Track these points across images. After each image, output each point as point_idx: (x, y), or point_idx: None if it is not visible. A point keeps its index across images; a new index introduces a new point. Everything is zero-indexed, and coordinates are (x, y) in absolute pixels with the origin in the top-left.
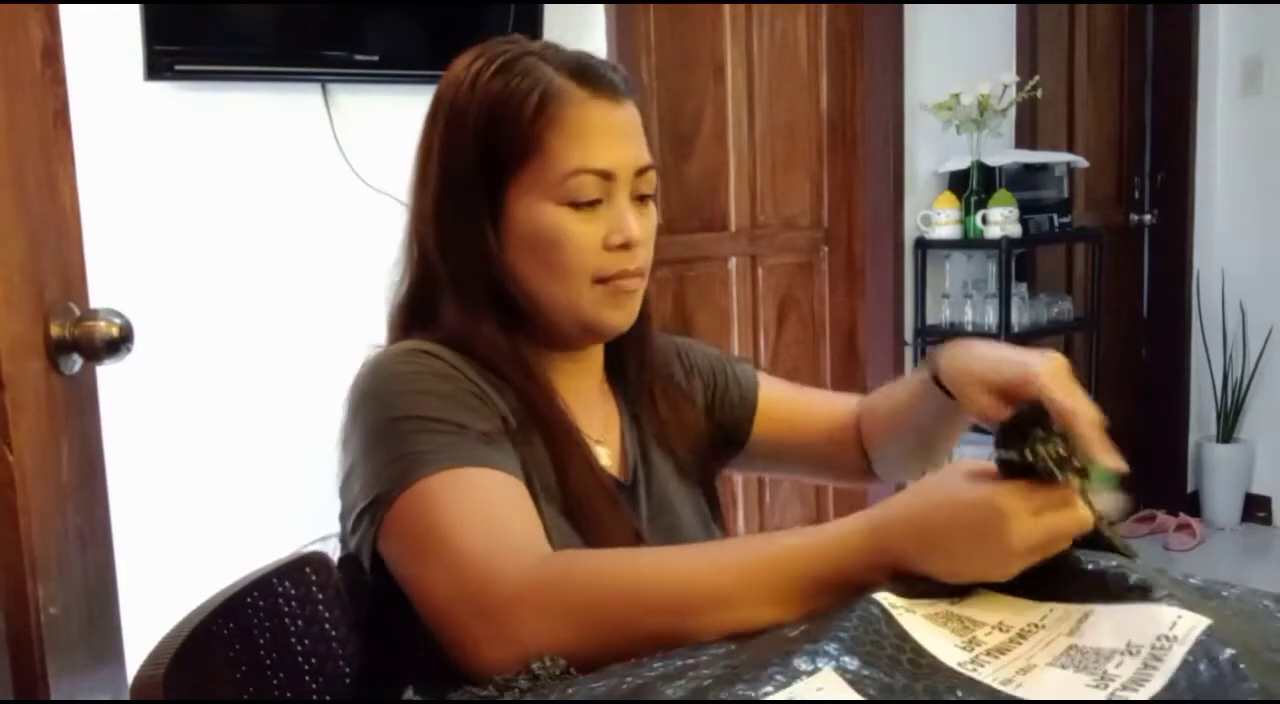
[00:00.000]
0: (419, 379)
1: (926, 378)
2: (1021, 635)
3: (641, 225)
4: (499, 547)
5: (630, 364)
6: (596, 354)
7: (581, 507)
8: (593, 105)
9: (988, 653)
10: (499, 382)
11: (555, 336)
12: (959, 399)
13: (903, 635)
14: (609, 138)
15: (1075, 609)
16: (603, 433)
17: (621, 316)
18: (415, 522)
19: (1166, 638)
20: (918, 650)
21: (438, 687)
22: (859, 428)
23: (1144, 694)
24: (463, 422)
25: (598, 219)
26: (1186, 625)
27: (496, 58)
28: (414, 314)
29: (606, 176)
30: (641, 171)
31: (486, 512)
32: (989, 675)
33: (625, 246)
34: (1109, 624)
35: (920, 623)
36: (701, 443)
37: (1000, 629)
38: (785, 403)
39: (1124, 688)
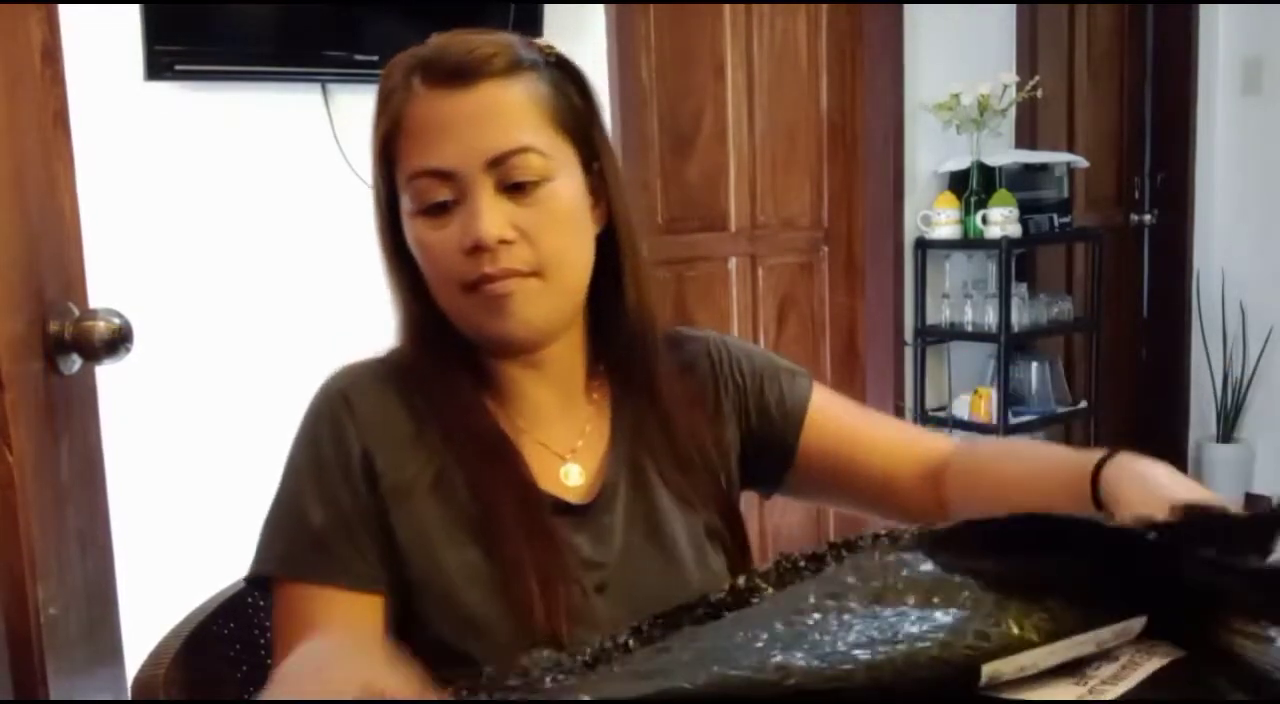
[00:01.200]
0: (302, 448)
1: (1084, 478)
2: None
3: (519, 218)
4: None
5: (618, 369)
6: (556, 360)
7: (497, 538)
8: (429, 99)
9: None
10: (424, 407)
11: (483, 347)
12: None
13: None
14: (447, 132)
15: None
16: (575, 448)
17: (505, 324)
18: (274, 631)
19: (1145, 653)
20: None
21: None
22: (944, 477)
23: (1122, 688)
24: (310, 514)
25: (454, 222)
26: (1163, 646)
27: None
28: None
29: (446, 176)
30: (501, 159)
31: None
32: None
33: (476, 249)
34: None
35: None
36: (714, 459)
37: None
38: (842, 423)
39: (1103, 683)
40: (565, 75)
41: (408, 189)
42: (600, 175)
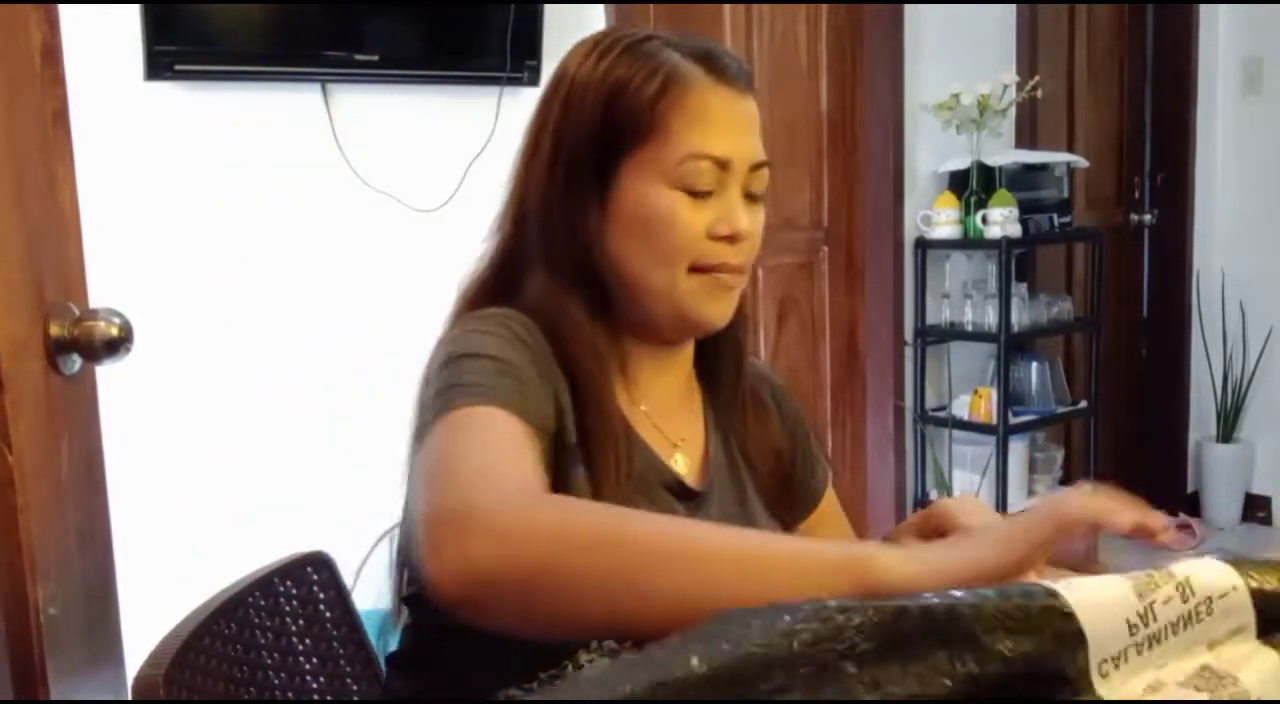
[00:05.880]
0: (489, 332)
1: None
2: (1192, 617)
3: (750, 221)
4: (495, 477)
5: (725, 367)
6: (688, 352)
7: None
8: (716, 92)
9: (1145, 641)
10: (564, 360)
11: (648, 327)
12: None
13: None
14: (729, 127)
15: (1247, 619)
16: (685, 436)
17: (718, 310)
18: (435, 446)
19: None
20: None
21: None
22: None
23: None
24: (517, 367)
25: (708, 208)
26: None
27: (622, 39)
28: (493, 288)
29: (722, 165)
30: (756, 167)
31: (502, 447)
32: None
33: (731, 239)
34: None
35: (1100, 581)
36: (784, 473)
37: (1182, 595)
38: (836, 526)
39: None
40: None
41: (682, 166)
42: None
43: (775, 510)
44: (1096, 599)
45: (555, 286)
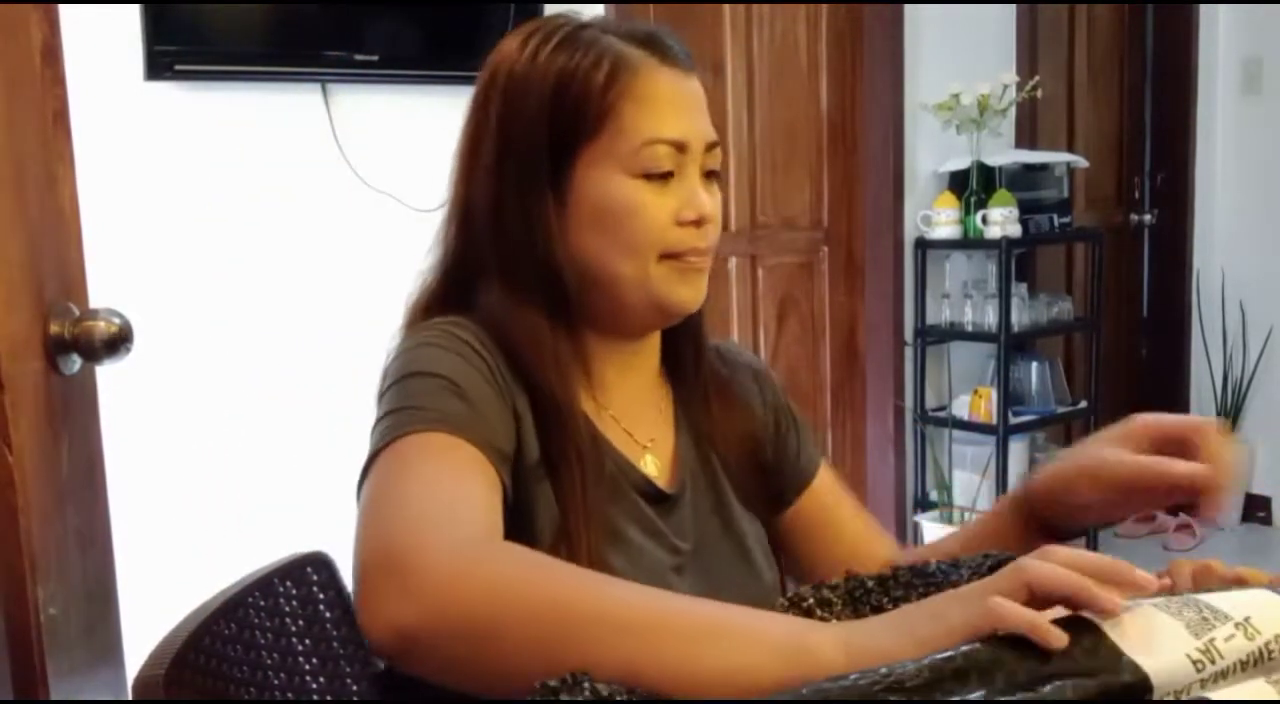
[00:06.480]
0: (439, 345)
1: (1005, 507)
2: (1264, 655)
3: (711, 204)
4: (437, 521)
5: (686, 359)
6: (653, 348)
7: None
8: (663, 74)
9: (1212, 678)
10: (524, 372)
11: (618, 321)
12: (1064, 504)
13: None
14: (681, 108)
15: None
16: (654, 436)
17: (691, 294)
18: (380, 477)
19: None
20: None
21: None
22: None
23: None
24: (470, 385)
25: (669, 193)
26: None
27: (554, 32)
28: (444, 299)
29: (680, 147)
30: (710, 147)
31: (449, 483)
32: None
33: (698, 223)
34: None
35: (1144, 620)
36: (759, 462)
37: (1245, 633)
38: (836, 500)
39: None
40: None
41: (639, 153)
42: None
43: (753, 502)
44: (1160, 655)
45: (512, 295)
